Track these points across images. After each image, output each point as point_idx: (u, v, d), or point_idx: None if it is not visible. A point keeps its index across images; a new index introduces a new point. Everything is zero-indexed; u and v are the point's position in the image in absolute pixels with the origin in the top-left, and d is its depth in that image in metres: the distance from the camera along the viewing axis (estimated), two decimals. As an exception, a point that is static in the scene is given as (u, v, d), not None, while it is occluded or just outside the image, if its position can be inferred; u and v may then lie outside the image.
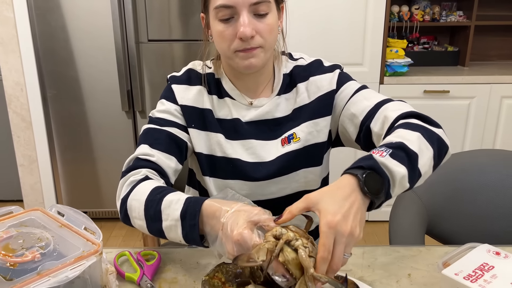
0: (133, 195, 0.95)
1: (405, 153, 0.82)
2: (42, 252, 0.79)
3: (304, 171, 1.11)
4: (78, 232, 0.86)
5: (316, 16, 2.49)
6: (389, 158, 0.80)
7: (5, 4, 2.47)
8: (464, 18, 2.90)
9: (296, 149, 1.09)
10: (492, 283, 0.77)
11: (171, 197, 0.89)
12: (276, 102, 1.11)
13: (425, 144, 0.87)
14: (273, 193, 1.11)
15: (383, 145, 0.84)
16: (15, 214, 0.92)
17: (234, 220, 0.77)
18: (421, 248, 1.04)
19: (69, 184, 2.80)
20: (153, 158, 1.02)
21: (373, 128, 1.00)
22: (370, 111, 1.02)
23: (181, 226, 0.86)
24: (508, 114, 2.69)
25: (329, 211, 0.71)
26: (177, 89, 1.11)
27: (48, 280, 0.73)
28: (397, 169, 0.79)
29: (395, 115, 0.95)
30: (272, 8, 1.00)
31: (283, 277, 0.72)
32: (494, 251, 0.87)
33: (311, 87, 1.11)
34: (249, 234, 0.74)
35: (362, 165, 0.77)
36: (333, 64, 1.14)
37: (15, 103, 2.63)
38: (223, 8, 0.96)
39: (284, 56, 1.15)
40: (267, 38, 1.00)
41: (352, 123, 1.06)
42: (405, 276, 0.94)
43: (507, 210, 1.29)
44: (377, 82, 2.62)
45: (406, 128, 0.89)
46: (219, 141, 1.09)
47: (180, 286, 0.91)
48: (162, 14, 2.52)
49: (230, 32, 0.98)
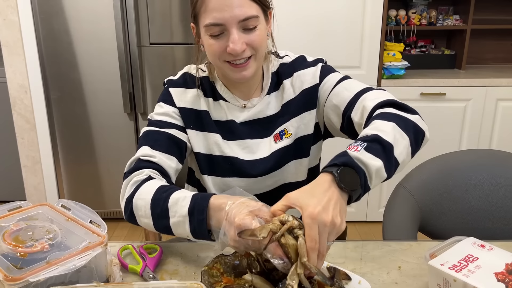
0: (138, 195, 0.99)
1: (380, 145, 0.86)
2: (51, 243, 0.84)
3: (294, 162, 1.18)
4: (84, 225, 0.90)
5: (314, 20, 2.54)
6: (363, 152, 0.84)
7: (10, 8, 2.53)
8: (461, 22, 2.95)
9: (289, 144, 1.15)
10: (475, 273, 0.82)
11: (178, 195, 0.95)
12: (267, 101, 1.16)
13: (400, 133, 0.91)
14: (268, 186, 1.18)
15: (359, 139, 0.88)
16: (24, 208, 0.97)
17: (238, 209, 0.82)
18: (412, 243, 1.08)
19: (72, 184, 2.84)
20: (155, 159, 1.06)
21: (354, 118, 1.03)
22: (350, 101, 1.05)
23: (189, 222, 0.91)
24: (503, 116, 2.73)
25: (309, 204, 0.76)
26: (174, 92, 1.15)
27: (57, 268, 0.78)
28: (372, 162, 0.83)
29: (372, 104, 0.98)
30: (260, 21, 1.03)
31: (280, 259, 0.77)
32: (479, 243, 0.91)
33: (295, 82, 1.15)
34: (250, 220, 0.79)
35: (336, 163, 0.82)
36: (316, 59, 1.18)
37: (19, 105, 2.68)
38: (213, 26, 1.00)
39: (272, 56, 1.19)
40: (258, 48, 1.04)
41: (335, 113, 1.10)
42: (395, 268, 0.98)
43: (497, 207, 1.33)
44: (374, 85, 2.66)
45: (382, 118, 0.92)
46: (216, 141, 1.14)
47: (181, 277, 0.95)
48: (163, 17, 2.57)
49: (220, 45, 1.02)
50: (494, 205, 1.33)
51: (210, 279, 0.86)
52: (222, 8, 0.98)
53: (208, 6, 0.99)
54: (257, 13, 1.01)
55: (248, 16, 0.99)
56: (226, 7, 0.98)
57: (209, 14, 0.99)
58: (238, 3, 0.98)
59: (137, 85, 2.62)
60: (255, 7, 1.01)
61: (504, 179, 1.34)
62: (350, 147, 0.85)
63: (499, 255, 0.87)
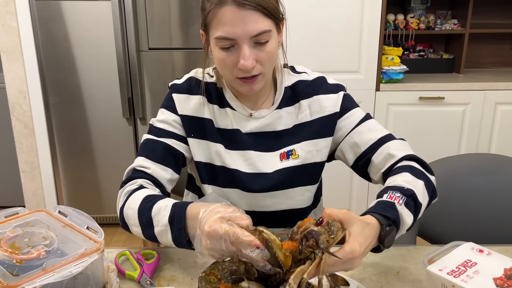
0: (128, 204, 1.01)
1: (414, 202, 0.92)
2: (47, 250, 0.83)
3: (301, 188, 1.14)
4: (80, 231, 0.90)
5: (312, 24, 2.55)
6: (404, 208, 0.89)
7: (9, 14, 2.53)
8: (459, 26, 2.95)
9: (294, 166, 1.12)
10: (474, 278, 0.81)
11: (160, 204, 0.95)
12: (278, 115, 1.12)
13: (425, 193, 0.97)
14: (268, 206, 1.14)
15: (397, 189, 0.92)
16: (20, 214, 0.96)
17: (208, 217, 0.81)
18: (410, 248, 1.08)
19: (71, 190, 2.84)
20: (148, 170, 1.07)
21: (374, 160, 1.08)
22: (374, 145, 1.09)
23: (170, 231, 0.92)
24: (502, 120, 2.74)
25: (358, 239, 0.78)
26: (177, 99, 1.13)
27: (53, 275, 0.77)
28: (407, 220, 0.89)
29: (399, 154, 1.05)
30: (272, 35, 0.99)
31: (257, 249, 0.75)
32: (477, 248, 0.91)
33: (314, 106, 1.12)
34: (220, 225, 0.78)
35: (388, 216, 0.85)
36: (337, 84, 1.15)
37: (18, 110, 2.68)
38: (224, 40, 0.97)
39: (286, 69, 1.16)
40: (267, 65, 1.01)
41: (352, 151, 1.12)
42: (394, 273, 0.98)
43: (496, 212, 1.33)
44: (373, 89, 2.67)
45: (412, 173, 0.99)
46: (218, 151, 1.11)
47: (179, 283, 0.95)
48: (162, 23, 2.57)
49: (231, 60, 0.99)
50: (494, 210, 1.33)
51: (208, 286, 0.86)
52: (234, 23, 0.94)
53: (221, 20, 0.96)
54: (270, 28, 0.98)
55: (260, 32, 0.96)
56: (239, 22, 0.94)
57: (221, 28, 0.96)
58: (252, 19, 0.94)
59: (135, 90, 2.62)
60: (268, 22, 0.97)
61: (503, 184, 1.34)
62: (394, 198, 0.89)
63: (497, 260, 0.87)
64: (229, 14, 0.94)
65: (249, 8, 0.94)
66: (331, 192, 1.17)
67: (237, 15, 0.94)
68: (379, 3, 2.54)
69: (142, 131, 2.71)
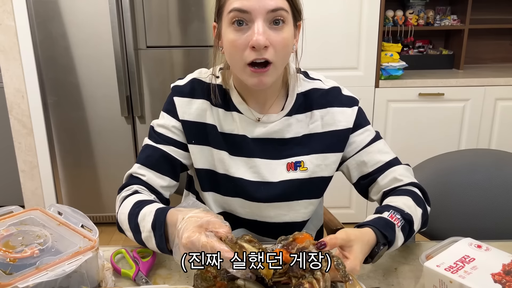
0: (121, 209, 1.02)
1: (409, 228, 0.97)
2: (41, 249, 0.83)
3: (306, 202, 1.12)
4: (75, 230, 0.89)
5: (311, 21, 2.53)
6: (400, 231, 0.95)
7: (6, 13, 2.52)
8: (458, 22, 2.94)
9: (302, 178, 1.08)
10: (472, 274, 0.80)
11: (146, 210, 0.95)
12: (288, 122, 1.07)
13: (420, 222, 1.02)
14: (271, 217, 1.11)
15: (398, 211, 0.97)
16: (15, 213, 0.96)
17: (185, 226, 0.80)
18: (409, 244, 1.07)
19: (70, 189, 2.83)
20: (144, 177, 1.07)
21: (380, 181, 1.10)
22: (381, 167, 1.10)
23: (154, 237, 0.91)
24: (502, 116, 2.72)
25: (357, 258, 0.82)
26: (179, 103, 1.08)
27: (46, 274, 0.77)
28: (399, 243, 0.95)
29: (406, 180, 1.08)
30: (288, 21, 0.96)
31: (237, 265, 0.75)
32: (476, 244, 0.90)
33: (327, 118, 1.08)
34: (197, 237, 0.76)
35: (386, 236, 0.91)
36: (351, 97, 1.12)
37: (16, 109, 2.67)
38: (238, 12, 0.92)
39: (299, 75, 1.11)
40: (280, 53, 0.95)
41: (358, 169, 1.12)
42: (392, 270, 0.97)
43: (495, 207, 1.32)
44: (372, 86, 2.66)
45: (414, 200, 1.03)
46: (222, 158, 1.08)
47: (175, 282, 0.94)
48: (160, 21, 2.56)
49: (242, 41, 0.93)
50: (493, 205, 1.32)
51: (203, 283, 0.85)
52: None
53: None
54: (287, 9, 0.95)
55: (277, 7, 0.92)
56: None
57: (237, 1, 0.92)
58: None
59: (134, 89, 2.61)
60: (286, 3, 0.94)
61: (503, 179, 1.33)
62: (394, 219, 0.95)
63: (496, 256, 0.86)
64: None
65: None
66: (330, 192, 1.16)
67: None
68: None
69: (141, 129, 2.70)
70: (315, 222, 1.24)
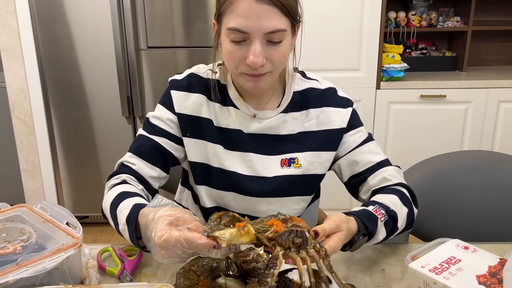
0: (106, 198, 1.02)
1: (392, 225, 0.98)
2: (24, 245, 0.83)
3: (298, 198, 1.13)
4: (59, 227, 0.89)
5: (313, 21, 2.53)
6: (382, 226, 0.96)
7: (9, 13, 2.54)
8: (461, 23, 2.92)
9: (295, 175, 1.10)
10: (456, 275, 0.79)
11: (125, 203, 0.95)
12: (283, 119, 1.09)
13: (405, 221, 1.03)
14: (263, 213, 1.11)
15: (383, 207, 0.97)
16: (2, 210, 0.96)
17: (156, 226, 0.79)
18: (398, 245, 1.06)
19: (71, 188, 2.84)
20: (134, 166, 1.07)
21: (370, 181, 1.10)
22: (372, 167, 1.10)
23: (128, 231, 0.91)
24: (505, 119, 2.69)
25: (340, 240, 0.84)
26: (175, 96, 1.09)
27: (27, 270, 0.77)
28: (380, 237, 0.96)
29: (394, 181, 1.08)
30: (287, 35, 0.96)
31: (213, 248, 0.75)
32: (463, 245, 0.89)
33: (322, 117, 1.10)
34: (169, 235, 0.76)
35: (368, 226, 0.92)
36: (346, 98, 1.13)
37: (19, 109, 2.69)
38: (236, 31, 0.92)
39: (297, 74, 1.13)
40: (277, 65, 0.97)
41: (349, 168, 1.12)
42: (379, 271, 0.96)
43: (490, 209, 1.30)
44: (373, 87, 2.64)
45: (400, 199, 1.04)
46: (217, 152, 1.09)
47: (159, 280, 0.94)
48: (160, 21, 2.57)
49: (239, 54, 0.94)
50: (487, 207, 1.30)
51: (186, 282, 0.85)
52: (250, 16, 0.90)
53: (236, 10, 0.91)
54: (286, 27, 0.94)
55: (275, 30, 0.92)
56: (255, 16, 0.90)
57: (234, 18, 0.91)
58: (268, 15, 0.90)
59: (135, 89, 2.62)
60: (285, 21, 0.94)
61: (497, 181, 1.31)
62: (378, 213, 0.95)
63: (482, 258, 0.85)
64: (245, 5, 0.90)
65: (267, 2, 0.89)
66: (331, 194, 1.15)
67: (254, 8, 0.90)
68: (379, 0, 2.52)
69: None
70: (309, 223, 1.24)
